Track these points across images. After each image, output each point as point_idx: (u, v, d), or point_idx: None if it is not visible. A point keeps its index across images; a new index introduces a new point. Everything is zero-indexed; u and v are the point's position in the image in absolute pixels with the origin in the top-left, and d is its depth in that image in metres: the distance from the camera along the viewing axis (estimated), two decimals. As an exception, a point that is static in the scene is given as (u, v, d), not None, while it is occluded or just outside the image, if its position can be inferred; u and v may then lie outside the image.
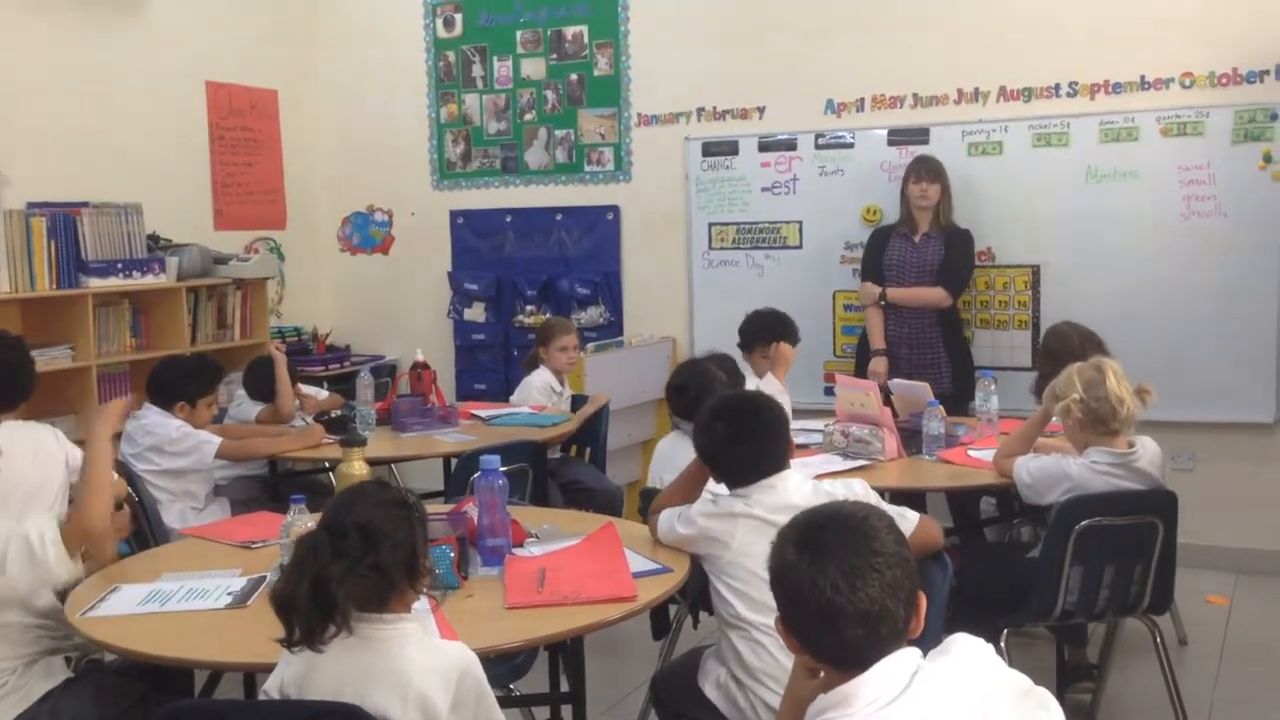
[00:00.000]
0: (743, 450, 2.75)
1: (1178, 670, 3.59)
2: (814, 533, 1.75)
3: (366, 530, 2.02)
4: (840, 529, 1.74)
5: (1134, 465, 3.33)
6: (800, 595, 1.71)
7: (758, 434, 2.75)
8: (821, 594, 1.67)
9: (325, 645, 1.99)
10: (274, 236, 6.63)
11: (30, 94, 5.25)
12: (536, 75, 6.40)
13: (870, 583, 1.67)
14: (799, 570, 1.71)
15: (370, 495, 2.12)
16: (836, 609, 1.66)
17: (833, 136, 5.77)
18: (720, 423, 2.78)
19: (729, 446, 2.76)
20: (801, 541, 1.74)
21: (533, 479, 4.16)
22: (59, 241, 5.04)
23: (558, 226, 6.41)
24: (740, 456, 2.76)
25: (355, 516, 2.04)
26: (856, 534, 1.72)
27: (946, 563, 2.75)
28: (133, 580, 2.80)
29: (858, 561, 1.68)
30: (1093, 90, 5.33)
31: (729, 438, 2.76)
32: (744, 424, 2.76)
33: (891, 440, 3.92)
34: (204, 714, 2.08)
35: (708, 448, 2.82)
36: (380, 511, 2.06)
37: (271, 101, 6.60)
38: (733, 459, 2.77)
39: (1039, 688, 1.74)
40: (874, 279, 5.23)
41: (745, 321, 4.73)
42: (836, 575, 1.67)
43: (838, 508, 1.81)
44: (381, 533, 2.03)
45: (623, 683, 3.98)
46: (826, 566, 1.69)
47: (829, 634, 1.69)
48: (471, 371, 6.55)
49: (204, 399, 4.28)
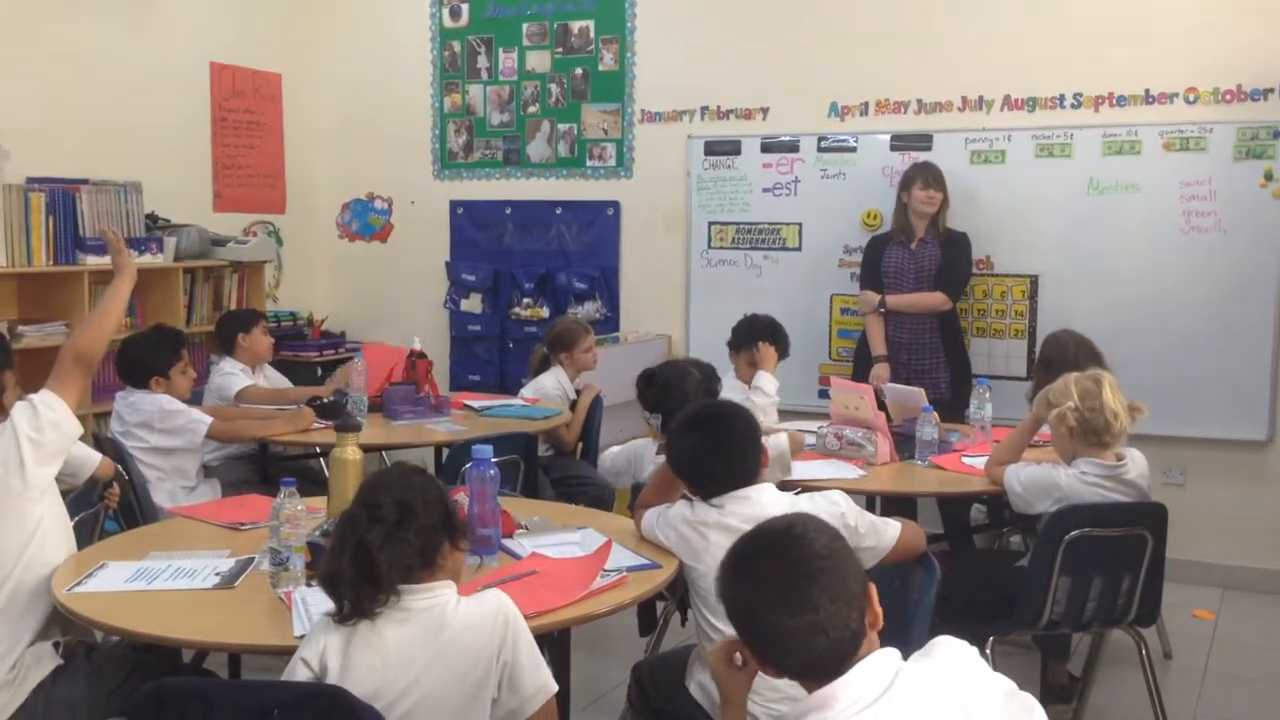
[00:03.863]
0: (712, 460, 2.73)
1: (1162, 684, 3.59)
2: (743, 557, 1.76)
3: (400, 499, 2.15)
4: (766, 544, 1.75)
5: (1123, 477, 3.34)
6: (745, 619, 1.73)
7: (729, 445, 2.73)
8: (762, 614, 1.68)
9: (375, 617, 2.10)
10: (273, 220, 6.62)
11: (33, 70, 5.23)
12: (541, 68, 6.39)
13: (807, 591, 1.66)
14: (737, 596, 1.74)
15: (394, 472, 2.27)
16: (781, 626, 1.66)
17: (835, 140, 5.77)
18: (692, 433, 2.76)
19: (699, 457, 2.74)
20: (734, 567, 1.76)
21: (524, 471, 4.15)
22: (57, 217, 5.03)
23: (557, 220, 6.40)
24: (710, 467, 2.73)
25: (387, 491, 2.17)
26: (782, 546, 1.72)
27: (933, 565, 2.75)
28: (120, 558, 2.79)
29: (788, 573, 1.68)
30: (1097, 102, 5.33)
31: (698, 448, 2.74)
32: (715, 434, 2.74)
33: (884, 444, 3.92)
34: (188, 693, 2.07)
35: (679, 459, 2.79)
36: (407, 480, 2.21)
37: (275, 85, 6.59)
38: (702, 470, 2.75)
39: (1024, 692, 1.74)
40: (873, 287, 5.22)
41: (739, 323, 4.73)
42: (771, 594, 1.68)
43: (765, 524, 1.80)
44: (414, 498, 2.17)
45: (606, 679, 3.98)
46: (760, 588, 1.70)
47: (784, 651, 1.69)
48: (466, 362, 6.54)
49: (175, 368, 4.23)
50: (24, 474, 2.68)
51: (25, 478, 2.68)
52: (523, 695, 2.17)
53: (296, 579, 2.57)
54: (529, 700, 2.17)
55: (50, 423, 2.73)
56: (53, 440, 2.74)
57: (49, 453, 2.74)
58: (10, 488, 2.67)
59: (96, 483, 3.41)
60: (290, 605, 2.46)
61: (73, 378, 2.81)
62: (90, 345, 2.88)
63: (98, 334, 2.92)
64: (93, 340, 2.90)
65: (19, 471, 2.68)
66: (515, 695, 2.16)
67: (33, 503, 2.71)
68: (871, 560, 2.68)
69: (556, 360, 5.08)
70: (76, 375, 2.82)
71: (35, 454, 2.70)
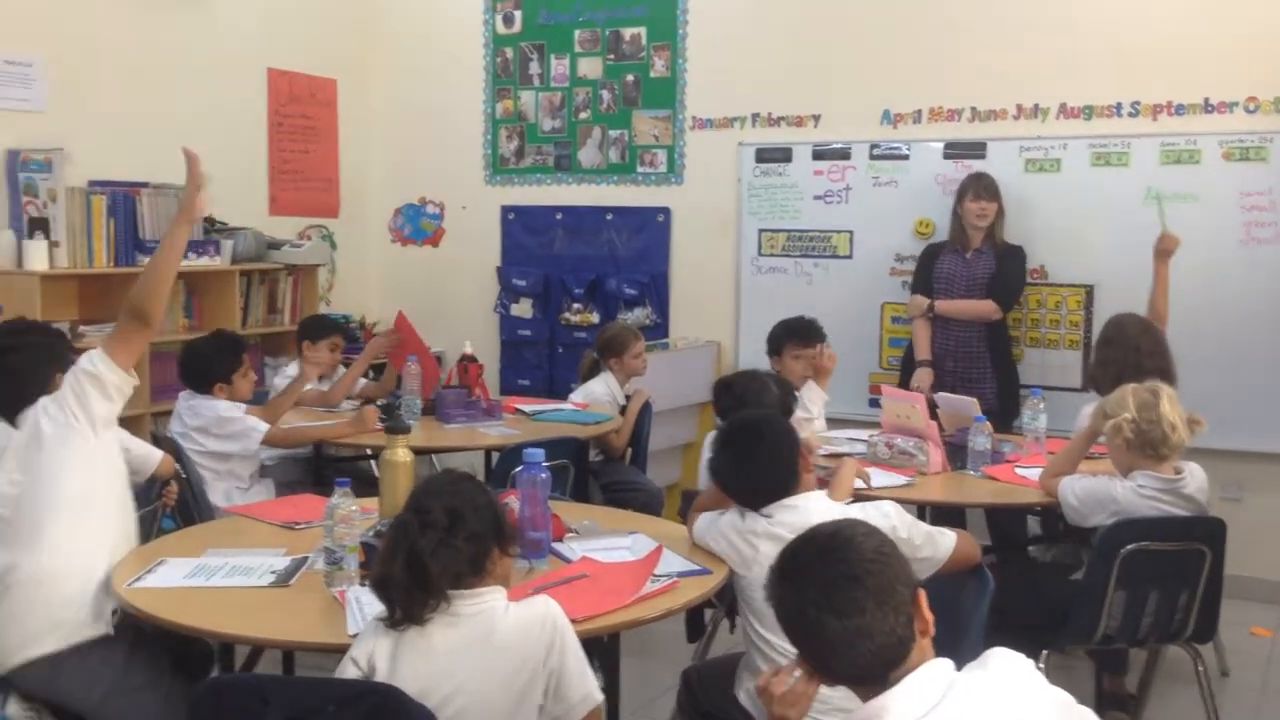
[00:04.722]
0: (748, 474, 2.73)
1: (1219, 702, 3.54)
2: (791, 559, 1.76)
3: (450, 506, 2.16)
4: (814, 547, 1.75)
5: (1181, 491, 3.29)
6: (794, 621, 1.72)
7: (762, 457, 2.73)
8: (810, 614, 1.68)
9: (425, 622, 2.11)
10: (326, 224, 6.69)
11: (97, 76, 5.33)
12: (593, 75, 6.42)
13: (853, 593, 1.66)
14: (785, 598, 1.73)
15: (444, 478, 2.29)
16: (827, 626, 1.66)
17: (888, 147, 5.74)
18: (726, 450, 2.78)
19: (733, 470, 2.76)
20: (783, 569, 1.76)
21: (574, 476, 4.17)
22: (118, 220, 5.12)
23: (608, 226, 6.42)
24: (746, 480, 2.74)
25: (437, 498, 2.18)
26: (829, 549, 1.73)
27: (987, 577, 2.72)
28: (178, 554, 2.83)
29: (835, 574, 1.68)
30: (1155, 111, 5.27)
31: (733, 463, 2.75)
32: (748, 447, 2.74)
33: (937, 454, 3.89)
34: (245, 689, 2.10)
35: (716, 474, 2.81)
36: (457, 487, 2.22)
37: (330, 90, 6.67)
38: (741, 483, 2.76)
39: (1081, 706, 1.72)
40: (924, 294, 5.19)
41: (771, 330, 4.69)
42: (818, 594, 1.68)
43: (814, 528, 1.81)
44: (464, 504, 2.18)
45: (654, 684, 3.98)
46: (807, 588, 1.69)
47: (831, 652, 1.68)
48: (516, 367, 6.57)
49: (237, 373, 4.27)
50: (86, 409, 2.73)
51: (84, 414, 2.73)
52: (568, 703, 2.17)
53: (350, 578, 2.59)
54: (574, 708, 2.18)
55: (106, 366, 2.74)
56: (112, 379, 2.75)
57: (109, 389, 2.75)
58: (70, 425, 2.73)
59: (156, 480, 3.48)
60: (344, 604, 2.49)
61: (131, 335, 2.79)
62: (146, 300, 2.77)
63: (155, 288, 2.79)
64: (149, 295, 2.78)
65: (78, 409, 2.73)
66: (561, 703, 2.17)
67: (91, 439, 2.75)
68: (928, 571, 2.66)
69: (606, 365, 5.09)
70: (134, 331, 2.79)
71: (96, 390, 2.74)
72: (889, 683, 1.66)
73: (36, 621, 2.68)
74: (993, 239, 5.13)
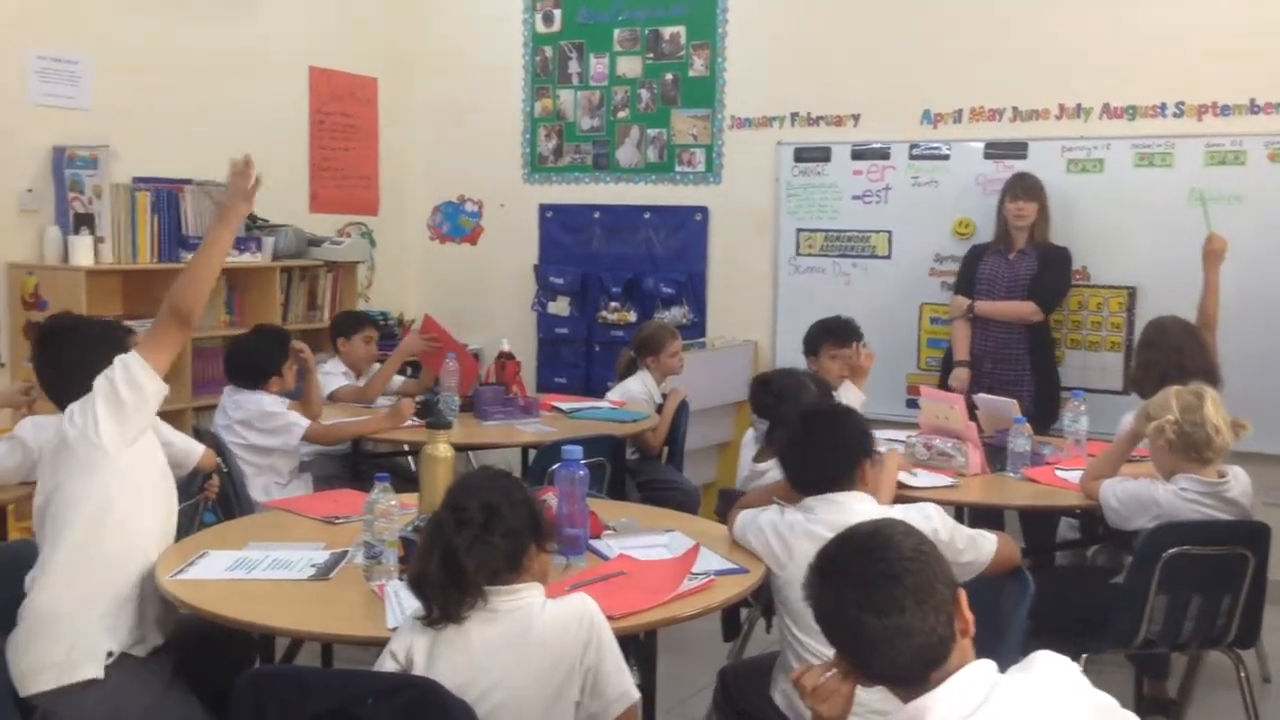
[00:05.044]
0: (810, 454, 2.75)
1: (1261, 709, 3.50)
2: (829, 558, 1.76)
3: (486, 503, 2.17)
4: (853, 546, 1.75)
5: (1225, 495, 3.25)
6: (833, 620, 1.72)
7: (829, 442, 2.75)
8: (850, 613, 1.67)
9: (462, 620, 2.12)
10: (366, 221, 6.74)
11: (142, 74, 5.40)
12: (632, 73, 6.42)
13: (892, 591, 1.66)
14: (824, 596, 1.73)
15: (480, 475, 2.30)
16: (867, 625, 1.66)
17: (928, 147, 5.71)
18: (801, 425, 2.81)
19: (800, 448, 2.77)
20: (821, 569, 1.76)
21: (610, 474, 4.17)
22: (162, 216, 5.19)
23: (645, 225, 6.42)
24: (807, 459, 2.76)
25: (473, 495, 2.19)
26: (867, 547, 1.73)
27: (1027, 579, 2.70)
28: (220, 547, 2.86)
29: (874, 572, 1.68)
30: (1200, 111, 5.21)
31: (802, 438, 2.78)
32: (814, 428, 2.79)
33: (975, 455, 3.86)
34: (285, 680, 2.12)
35: (783, 447, 2.84)
36: (493, 483, 2.23)
37: (371, 89, 6.71)
38: (800, 460, 2.77)
39: (1125, 710, 1.70)
40: (966, 294, 5.16)
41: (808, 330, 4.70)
42: (857, 593, 1.67)
43: (852, 528, 1.81)
44: (499, 501, 2.18)
45: (689, 683, 3.97)
46: (846, 587, 1.69)
47: (871, 651, 1.68)
48: (552, 365, 6.58)
49: (286, 364, 4.35)
50: (99, 429, 2.61)
51: (100, 432, 2.61)
52: (605, 700, 2.18)
53: (389, 572, 2.61)
54: (611, 705, 2.19)
55: (129, 382, 2.63)
56: (130, 399, 2.63)
57: (126, 411, 2.63)
58: (87, 439, 2.62)
59: (198, 474, 3.52)
60: (383, 598, 2.51)
61: (169, 334, 2.71)
62: (187, 300, 2.71)
63: (197, 288, 2.74)
64: (191, 296, 2.72)
65: (95, 425, 2.61)
66: (597, 700, 2.18)
67: (106, 461, 2.62)
68: (970, 574, 2.65)
69: (643, 364, 5.09)
70: (172, 331, 2.72)
71: (110, 411, 2.62)
72: (930, 683, 1.65)
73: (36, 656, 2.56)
74: (1035, 240, 5.09)
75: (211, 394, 5.32)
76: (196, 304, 2.74)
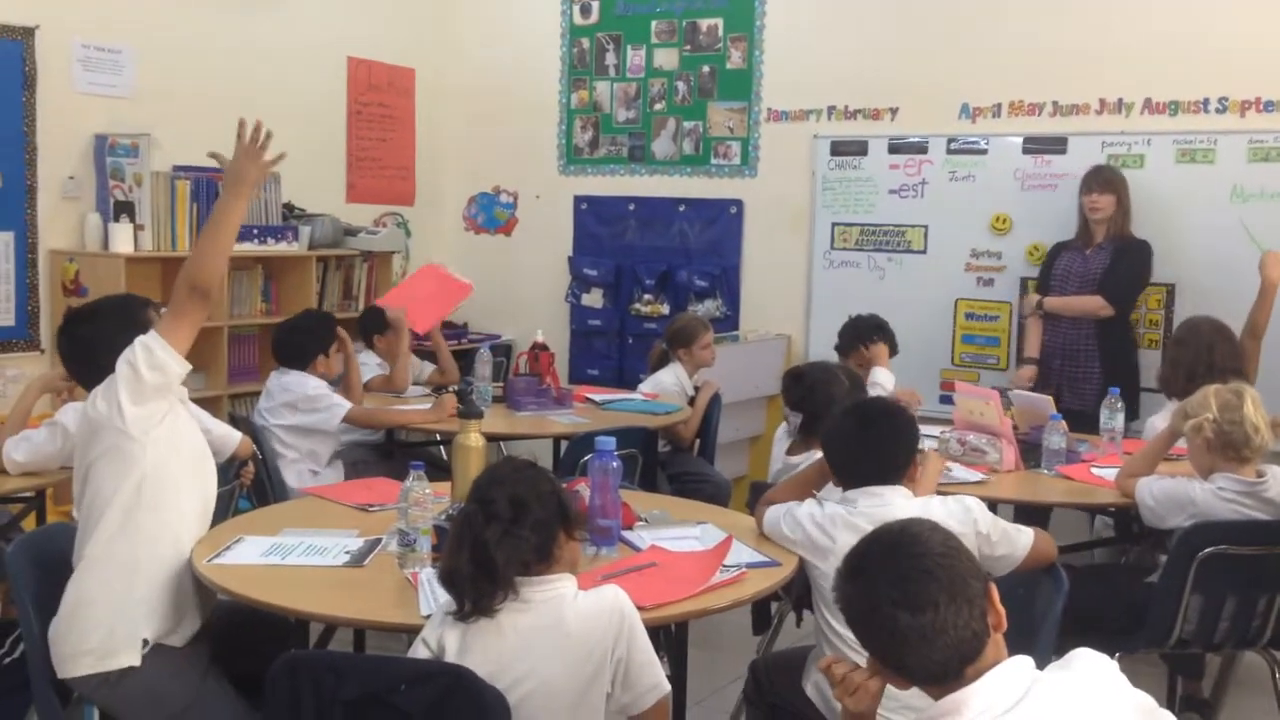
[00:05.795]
0: (866, 448, 2.73)
1: (1296, 712, 3.46)
2: (859, 558, 1.76)
3: (514, 495, 2.17)
4: (882, 545, 1.75)
5: (1262, 495, 3.22)
6: (866, 620, 1.71)
7: (878, 434, 2.74)
8: (884, 611, 1.67)
9: (494, 614, 2.12)
10: (402, 212, 6.78)
11: (183, 64, 5.45)
12: (669, 66, 6.42)
13: (925, 588, 1.65)
14: (855, 597, 1.73)
15: (506, 466, 2.29)
16: (901, 623, 1.65)
17: (965, 141, 5.67)
18: (850, 417, 2.80)
19: (854, 441, 2.75)
20: (851, 569, 1.75)
21: (642, 466, 4.18)
22: (200, 204, 5.24)
23: (680, 218, 6.42)
24: (854, 450, 2.75)
25: (500, 487, 2.19)
26: (896, 546, 1.72)
27: (1061, 576, 2.68)
28: (256, 533, 2.89)
29: (907, 570, 1.68)
30: (1243, 107, 5.14)
31: (852, 428, 2.76)
32: (870, 421, 2.77)
33: (1010, 451, 3.84)
34: (319, 665, 2.14)
35: (829, 438, 2.82)
36: (520, 474, 2.22)
37: (409, 79, 6.74)
38: (853, 454, 2.75)
39: (1164, 710, 1.69)
40: (1042, 291, 5.10)
41: (844, 326, 4.71)
42: (891, 591, 1.67)
43: (879, 529, 1.81)
44: (527, 493, 2.18)
45: (720, 675, 3.98)
46: (878, 586, 1.69)
47: (906, 649, 1.67)
48: (585, 356, 6.60)
49: (332, 346, 4.46)
50: (122, 413, 2.58)
51: (124, 416, 2.57)
52: (636, 692, 2.19)
53: (423, 560, 2.63)
54: (642, 696, 2.19)
55: (150, 364, 2.58)
56: (153, 380, 2.59)
57: (148, 393, 2.59)
58: (113, 424, 2.60)
59: (235, 460, 3.55)
60: (416, 586, 2.52)
61: (189, 310, 2.64)
62: (205, 274, 2.64)
63: (215, 261, 2.67)
64: (208, 269, 2.64)
65: (119, 410, 2.59)
66: (629, 691, 2.19)
67: (134, 445, 2.59)
68: (1004, 569, 2.64)
69: (675, 356, 5.10)
70: (191, 308, 2.64)
71: (133, 394, 2.58)
72: (965, 679, 1.64)
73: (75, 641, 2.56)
74: (1112, 234, 4.98)
75: (247, 381, 5.38)
76: (215, 276, 2.67)
